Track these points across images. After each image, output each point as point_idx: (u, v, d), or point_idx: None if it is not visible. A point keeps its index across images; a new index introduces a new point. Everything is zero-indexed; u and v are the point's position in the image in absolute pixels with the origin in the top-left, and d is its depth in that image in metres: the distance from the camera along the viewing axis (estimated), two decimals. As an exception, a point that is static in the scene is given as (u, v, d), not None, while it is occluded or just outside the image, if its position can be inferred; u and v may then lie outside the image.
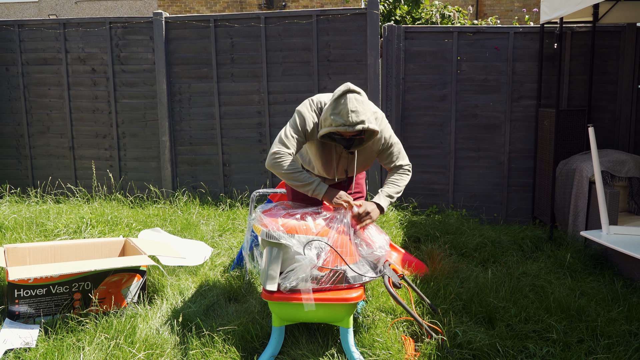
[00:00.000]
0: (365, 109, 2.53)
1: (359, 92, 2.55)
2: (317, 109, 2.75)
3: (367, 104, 2.57)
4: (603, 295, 3.38)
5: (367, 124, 2.52)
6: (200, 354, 2.67)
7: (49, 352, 2.63)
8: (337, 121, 2.52)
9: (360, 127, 2.50)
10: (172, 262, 3.62)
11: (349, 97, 2.51)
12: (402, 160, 2.94)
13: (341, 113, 2.51)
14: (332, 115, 2.54)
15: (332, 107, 2.54)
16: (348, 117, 2.49)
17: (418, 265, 3.87)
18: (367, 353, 2.69)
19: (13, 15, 17.09)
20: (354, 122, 2.49)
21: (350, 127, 2.50)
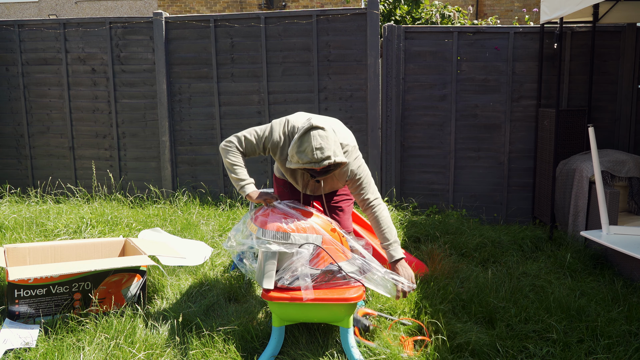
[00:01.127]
0: (330, 144, 2.54)
1: (322, 127, 2.56)
2: (288, 132, 2.77)
3: (331, 138, 2.57)
4: (603, 295, 3.38)
5: (334, 158, 2.54)
6: (200, 354, 2.67)
7: (49, 352, 2.63)
8: (303, 159, 2.55)
9: (326, 163, 2.52)
10: (172, 262, 3.62)
11: (313, 134, 2.53)
12: (371, 194, 2.84)
13: (306, 151, 2.53)
14: (297, 153, 2.56)
15: (297, 145, 2.56)
16: (313, 155, 2.51)
17: (418, 265, 3.87)
18: (367, 352, 2.69)
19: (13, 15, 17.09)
20: (319, 158, 2.52)
21: (316, 164, 2.53)
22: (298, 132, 2.59)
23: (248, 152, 2.83)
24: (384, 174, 5.53)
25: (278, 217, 2.66)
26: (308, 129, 2.55)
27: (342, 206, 3.09)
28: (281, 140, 2.78)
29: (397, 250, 2.79)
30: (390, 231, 2.81)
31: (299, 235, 2.60)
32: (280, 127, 2.80)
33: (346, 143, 2.78)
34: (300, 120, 2.78)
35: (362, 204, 2.86)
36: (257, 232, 2.62)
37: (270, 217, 2.66)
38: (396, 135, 5.48)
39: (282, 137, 2.78)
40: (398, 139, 5.49)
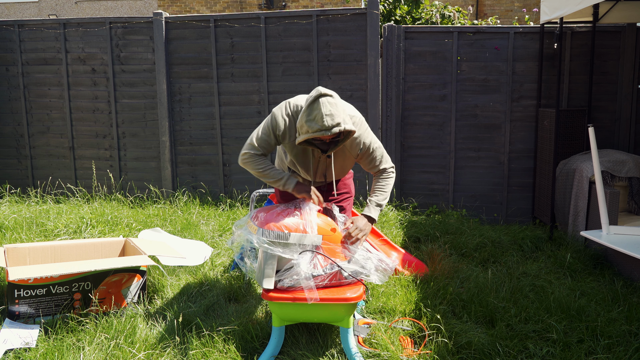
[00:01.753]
0: (339, 111, 2.52)
1: (331, 95, 2.53)
2: (292, 112, 2.73)
3: (340, 106, 2.55)
4: (603, 295, 3.37)
5: (344, 125, 2.51)
6: (200, 354, 2.67)
7: (49, 352, 2.63)
8: (313, 127, 2.51)
9: (337, 130, 2.48)
10: (172, 262, 3.62)
11: (322, 101, 2.50)
12: (385, 163, 2.89)
13: (316, 119, 2.49)
14: (307, 122, 2.53)
15: (307, 113, 2.53)
16: (323, 122, 2.47)
17: (418, 265, 3.87)
18: (368, 353, 2.69)
19: (13, 15, 17.09)
20: (329, 125, 2.48)
21: (327, 131, 2.48)
22: (306, 101, 2.55)
23: (266, 150, 2.79)
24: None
25: (279, 216, 2.65)
26: (317, 96, 2.51)
27: (343, 205, 3.09)
28: (286, 122, 2.73)
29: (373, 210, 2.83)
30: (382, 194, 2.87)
31: (300, 235, 2.59)
32: (281, 111, 2.76)
33: (353, 114, 2.76)
34: (303, 100, 2.75)
35: (377, 174, 2.90)
36: (257, 232, 2.62)
37: (270, 216, 2.65)
38: (396, 135, 5.48)
39: (287, 118, 2.73)
40: (398, 138, 5.49)
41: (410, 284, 3.48)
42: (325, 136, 2.51)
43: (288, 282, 2.55)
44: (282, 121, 2.73)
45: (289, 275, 2.56)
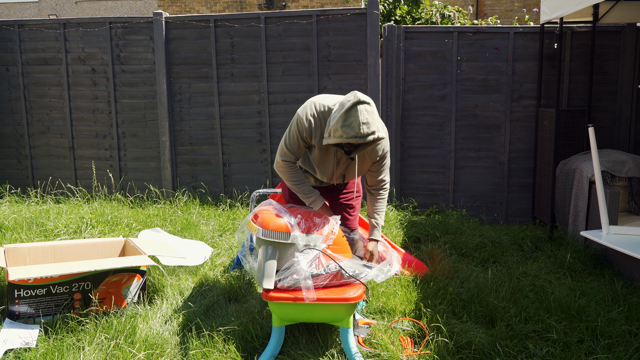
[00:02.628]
0: (375, 119, 2.54)
1: (368, 102, 2.54)
2: (318, 113, 2.73)
3: (376, 114, 2.58)
4: (603, 295, 3.37)
5: (377, 133, 2.54)
6: (200, 354, 2.67)
7: (49, 352, 2.63)
8: (348, 133, 2.50)
9: (371, 138, 2.51)
10: (172, 262, 3.62)
11: (360, 108, 2.49)
12: (386, 174, 2.98)
13: (352, 125, 2.49)
14: (342, 127, 2.52)
15: (343, 119, 2.52)
16: (360, 130, 2.48)
17: (418, 265, 3.87)
18: (368, 353, 2.69)
19: (13, 15, 17.09)
20: (365, 133, 2.49)
21: (362, 139, 2.50)
22: (343, 106, 2.55)
23: (297, 154, 2.82)
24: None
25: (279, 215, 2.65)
26: (356, 102, 2.52)
27: (353, 204, 3.10)
28: (312, 122, 2.73)
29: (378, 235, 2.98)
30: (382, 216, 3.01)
31: (300, 235, 2.60)
32: (306, 112, 2.76)
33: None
34: (329, 100, 2.76)
35: (375, 184, 2.96)
36: (257, 232, 2.62)
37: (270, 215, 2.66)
38: (396, 135, 5.48)
39: (312, 119, 2.74)
40: (398, 139, 5.49)
41: (410, 284, 3.48)
42: (358, 142, 2.53)
43: (288, 282, 2.55)
44: (307, 122, 2.74)
45: (289, 274, 2.56)
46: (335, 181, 2.96)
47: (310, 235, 2.62)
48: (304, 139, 2.77)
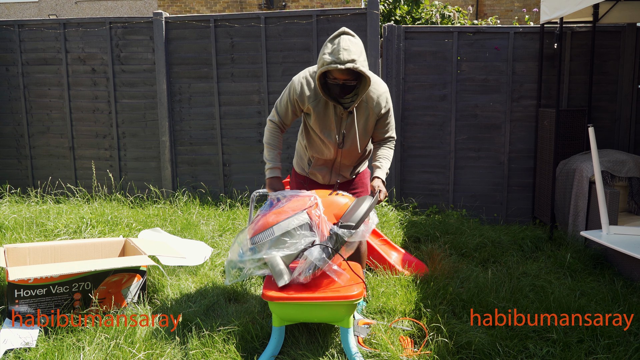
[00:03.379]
0: (357, 50, 2.58)
1: (353, 35, 2.61)
2: (310, 74, 2.82)
3: (359, 47, 2.61)
4: (603, 295, 3.37)
5: (358, 64, 2.56)
6: (200, 354, 2.67)
7: (49, 352, 2.63)
8: (327, 59, 2.57)
9: (350, 66, 2.54)
10: (172, 262, 3.62)
11: (343, 37, 2.58)
12: (393, 131, 3.02)
13: (333, 51, 2.56)
14: (324, 55, 2.60)
15: (326, 47, 2.61)
16: (339, 55, 2.53)
17: (418, 265, 3.87)
18: (367, 353, 2.69)
19: (13, 15, 17.09)
20: (344, 59, 2.53)
21: (340, 65, 2.53)
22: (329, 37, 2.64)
23: (284, 117, 2.90)
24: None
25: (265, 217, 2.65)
26: (340, 32, 2.60)
27: None
28: (303, 84, 2.81)
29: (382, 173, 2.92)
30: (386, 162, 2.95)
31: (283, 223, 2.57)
32: (299, 76, 2.85)
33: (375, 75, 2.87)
34: None
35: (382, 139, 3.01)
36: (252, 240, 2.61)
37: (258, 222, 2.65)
38: (396, 135, 5.48)
39: (303, 80, 2.81)
40: (398, 139, 5.49)
41: (410, 284, 3.48)
42: (337, 70, 2.56)
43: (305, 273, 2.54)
44: (298, 84, 2.82)
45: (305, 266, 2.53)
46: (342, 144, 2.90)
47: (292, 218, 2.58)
48: (294, 103, 2.85)
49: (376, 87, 2.85)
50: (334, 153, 2.95)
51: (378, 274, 3.68)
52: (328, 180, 3.07)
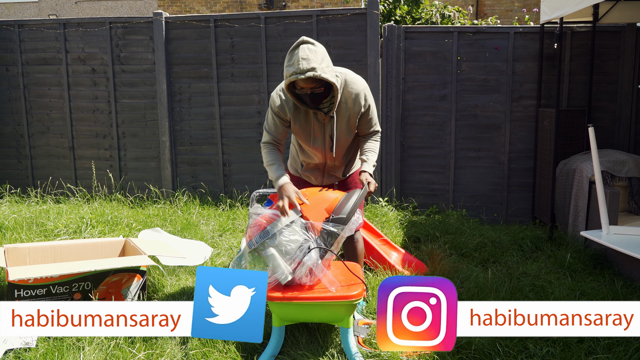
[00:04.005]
0: (318, 58, 2.56)
1: (312, 43, 2.59)
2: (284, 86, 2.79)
3: (320, 53, 2.59)
4: (603, 295, 3.37)
5: (319, 72, 2.53)
6: (200, 354, 2.67)
7: (49, 352, 2.63)
8: (289, 71, 2.56)
9: (311, 74, 2.52)
10: (172, 262, 3.62)
11: (302, 47, 2.57)
12: (377, 125, 3.02)
13: (293, 62, 2.55)
14: (286, 67, 2.59)
15: (287, 59, 2.60)
16: (299, 65, 2.52)
17: (418, 265, 3.87)
18: (367, 353, 2.69)
19: (13, 15, 17.09)
20: (304, 69, 2.52)
21: (301, 74, 2.52)
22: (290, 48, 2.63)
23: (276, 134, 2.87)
24: (384, 174, 5.53)
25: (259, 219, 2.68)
26: (298, 43, 2.58)
27: None
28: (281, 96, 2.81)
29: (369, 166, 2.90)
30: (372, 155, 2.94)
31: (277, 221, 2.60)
32: (275, 91, 2.85)
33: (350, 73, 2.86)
34: None
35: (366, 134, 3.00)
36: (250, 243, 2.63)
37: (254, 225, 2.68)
38: (396, 135, 5.48)
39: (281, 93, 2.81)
40: (398, 139, 5.49)
41: (410, 284, 3.47)
42: (299, 80, 2.55)
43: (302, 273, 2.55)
44: (277, 97, 2.82)
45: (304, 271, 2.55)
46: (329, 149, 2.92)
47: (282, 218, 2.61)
48: (278, 115, 2.83)
49: (353, 86, 2.83)
50: (323, 157, 2.98)
51: (378, 274, 3.68)
52: (321, 182, 3.10)
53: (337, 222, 2.57)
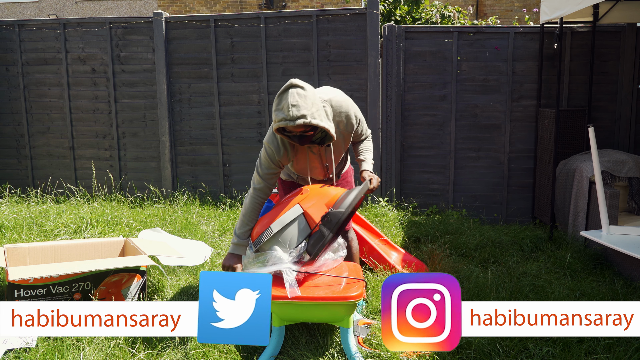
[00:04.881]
0: (308, 104, 2.50)
1: (302, 86, 2.53)
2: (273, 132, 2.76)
3: (310, 99, 2.53)
4: (603, 295, 3.37)
5: (310, 119, 2.49)
6: (200, 354, 2.67)
7: (49, 352, 2.63)
8: (278, 116, 2.52)
9: (301, 122, 2.47)
10: (172, 262, 3.62)
11: (291, 92, 2.50)
12: (367, 131, 3.07)
13: (282, 108, 2.50)
14: (275, 111, 2.55)
15: (276, 103, 2.56)
16: (288, 112, 2.47)
17: (418, 265, 3.87)
18: (367, 353, 2.69)
19: (13, 15, 17.09)
20: (294, 116, 2.47)
21: (291, 122, 2.48)
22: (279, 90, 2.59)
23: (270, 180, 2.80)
24: (384, 174, 5.53)
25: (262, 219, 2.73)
26: (287, 86, 2.53)
27: None
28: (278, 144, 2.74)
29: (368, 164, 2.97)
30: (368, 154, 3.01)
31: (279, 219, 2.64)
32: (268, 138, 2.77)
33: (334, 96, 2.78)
34: None
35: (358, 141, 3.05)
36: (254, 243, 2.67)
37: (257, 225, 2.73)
38: (396, 135, 5.48)
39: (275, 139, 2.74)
40: (398, 139, 5.49)
41: (410, 284, 3.47)
42: (289, 126, 2.51)
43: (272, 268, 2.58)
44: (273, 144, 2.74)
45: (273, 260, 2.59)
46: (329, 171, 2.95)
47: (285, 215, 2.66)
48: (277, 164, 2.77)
49: (341, 110, 2.78)
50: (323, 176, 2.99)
51: (378, 274, 3.68)
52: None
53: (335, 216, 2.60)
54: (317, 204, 2.66)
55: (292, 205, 2.67)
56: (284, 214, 2.63)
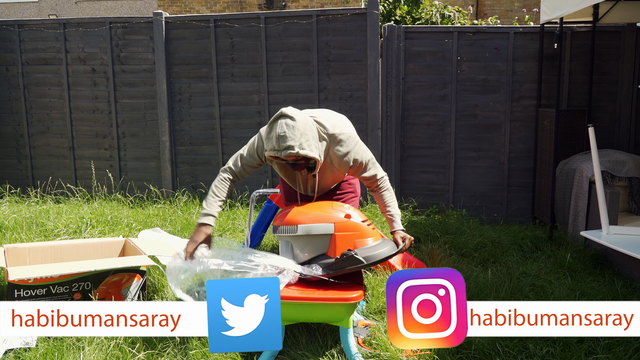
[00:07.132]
0: (296, 135, 2.50)
1: (291, 117, 2.52)
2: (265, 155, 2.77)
3: (299, 129, 2.51)
4: (603, 295, 3.37)
5: (298, 149, 2.50)
6: (200, 354, 2.67)
7: (49, 352, 2.63)
8: (268, 145, 2.56)
9: (288, 153, 2.50)
10: (172, 262, 3.61)
11: (280, 122, 2.52)
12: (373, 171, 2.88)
13: (272, 138, 2.54)
14: (265, 139, 2.60)
15: (267, 131, 2.59)
16: (276, 143, 2.51)
17: (418, 265, 3.87)
18: (367, 353, 2.69)
19: (13, 15, 17.09)
20: (281, 147, 2.50)
21: (279, 152, 2.52)
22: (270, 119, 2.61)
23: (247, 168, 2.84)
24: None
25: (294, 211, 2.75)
26: (277, 116, 2.55)
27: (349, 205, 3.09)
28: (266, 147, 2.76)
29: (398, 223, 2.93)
30: (394, 206, 2.94)
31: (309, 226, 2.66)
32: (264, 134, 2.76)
33: (339, 132, 2.75)
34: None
35: (370, 183, 2.90)
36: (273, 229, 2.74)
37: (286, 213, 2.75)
38: (396, 135, 5.48)
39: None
40: (398, 139, 5.49)
41: (410, 284, 3.47)
42: (278, 156, 2.54)
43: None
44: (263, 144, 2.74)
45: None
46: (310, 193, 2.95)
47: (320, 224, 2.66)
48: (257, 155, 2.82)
49: (340, 148, 2.75)
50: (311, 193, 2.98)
51: (378, 274, 3.68)
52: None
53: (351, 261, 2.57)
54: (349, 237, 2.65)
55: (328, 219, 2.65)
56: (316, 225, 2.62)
